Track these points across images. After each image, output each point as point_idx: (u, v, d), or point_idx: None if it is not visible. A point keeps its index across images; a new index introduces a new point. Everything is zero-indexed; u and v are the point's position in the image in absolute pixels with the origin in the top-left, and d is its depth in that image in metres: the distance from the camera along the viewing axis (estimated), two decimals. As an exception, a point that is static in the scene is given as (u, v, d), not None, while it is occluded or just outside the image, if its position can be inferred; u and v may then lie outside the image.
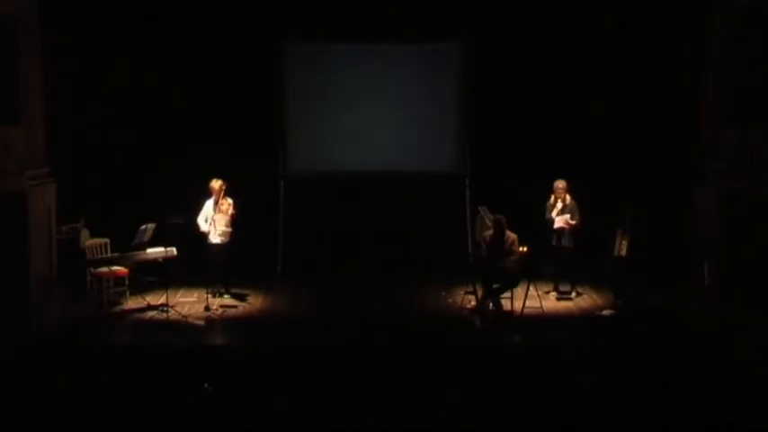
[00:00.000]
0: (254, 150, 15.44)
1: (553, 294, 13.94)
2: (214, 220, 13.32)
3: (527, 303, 13.03)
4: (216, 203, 13.40)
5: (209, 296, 13.33)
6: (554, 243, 13.72)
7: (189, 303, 13.53)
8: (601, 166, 14.84)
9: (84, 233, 14.16)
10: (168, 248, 13.17)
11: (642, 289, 13.53)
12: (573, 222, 13.57)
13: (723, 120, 13.26)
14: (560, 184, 13.62)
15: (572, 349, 11.79)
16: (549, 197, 13.72)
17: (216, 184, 13.41)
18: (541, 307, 13.20)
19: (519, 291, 13.07)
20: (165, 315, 12.98)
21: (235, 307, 13.45)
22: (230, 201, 13.47)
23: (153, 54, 15.10)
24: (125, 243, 13.36)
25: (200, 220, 13.49)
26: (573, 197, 13.64)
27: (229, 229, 13.44)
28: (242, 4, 15.19)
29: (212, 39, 15.18)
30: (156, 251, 13.21)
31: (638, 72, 14.96)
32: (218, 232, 13.34)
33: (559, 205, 13.61)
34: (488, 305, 12.93)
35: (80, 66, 14.74)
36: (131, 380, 10.61)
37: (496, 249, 12.82)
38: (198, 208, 13.54)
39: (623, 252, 13.14)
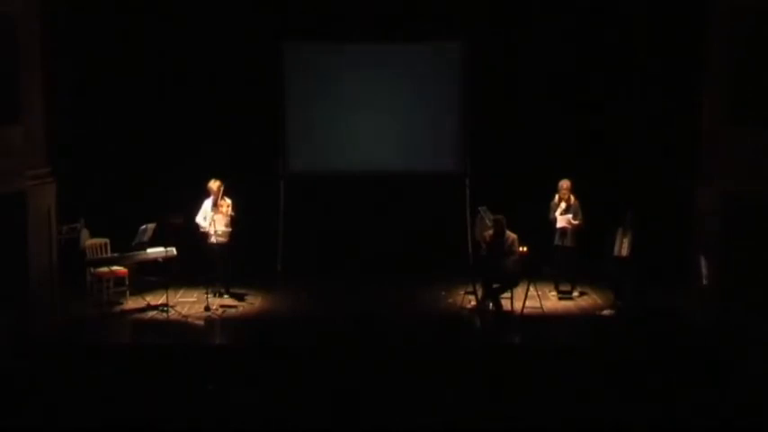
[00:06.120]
0: (254, 150, 15.44)
1: (553, 294, 13.94)
2: (214, 220, 13.33)
3: (527, 303, 13.03)
4: (215, 204, 13.41)
5: (209, 296, 13.33)
6: (556, 242, 13.72)
7: (189, 303, 13.53)
8: (601, 166, 14.82)
9: (84, 233, 14.16)
10: (168, 248, 13.18)
11: (642, 289, 13.53)
12: (576, 223, 13.57)
13: (723, 120, 13.26)
14: (565, 183, 13.61)
15: (572, 349, 11.78)
16: (553, 197, 13.72)
17: (214, 184, 13.42)
18: (541, 307, 13.19)
19: (519, 291, 13.08)
20: (164, 315, 12.98)
21: (235, 307, 13.46)
22: (229, 201, 13.48)
23: (153, 54, 15.09)
24: (125, 243, 13.36)
25: (200, 218, 13.50)
26: (576, 197, 13.64)
27: (229, 230, 13.46)
28: (243, 4, 15.18)
29: (213, 39, 15.16)
30: (156, 251, 13.22)
31: (637, 72, 14.94)
32: (217, 232, 13.34)
33: (563, 205, 13.60)
34: (488, 305, 12.94)
35: (80, 66, 14.74)
36: (131, 380, 10.61)
37: (496, 249, 12.82)
38: (197, 208, 13.54)
39: (624, 252, 13.14)
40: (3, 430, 9.71)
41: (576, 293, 13.94)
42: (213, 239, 13.39)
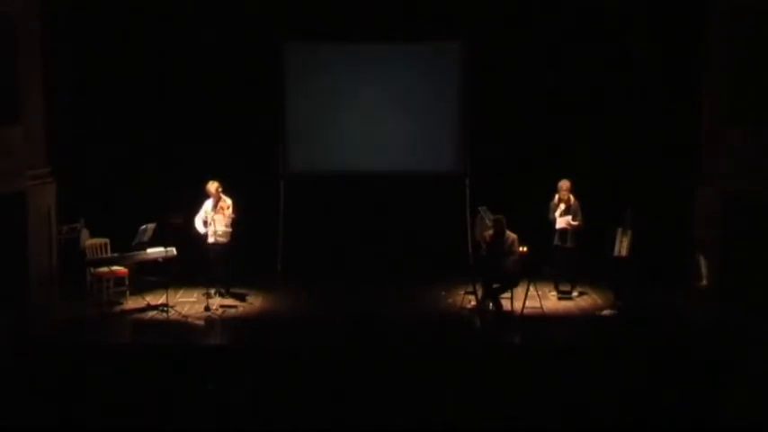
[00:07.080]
0: (254, 150, 15.44)
1: (553, 294, 13.93)
2: (214, 220, 13.32)
3: (527, 303, 13.03)
4: (215, 205, 13.39)
5: (209, 296, 13.31)
6: (556, 243, 13.71)
7: (189, 303, 13.53)
8: (601, 166, 14.83)
9: (84, 233, 14.16)
10: (168, 248, 13.18)
11: (642, 289, 13.53)
12: (575, 224, 13.56)
13: (723, 120, 13.27)
14: (565, 184, 13.59)
15: (572, 349, 11.78)
16: (553, 197, 13.71)
17: (212, 186, 13.40)
18: (541, 307, 13.19)
19: (519, 291, 13.08)
20: (164, 315, 12.98)
21: (235, 307, 13.45)
22: (229, 202, 13.47)
23: (153, 54, 15.09)
24: (125, 243, 13.36)
25: (199, 222, 13.48)
26: (576, 197, 13.63)
27: (229, 230, 13.44)
28: (243, 4, 15.18)
29: (213, 39, 15.15)
30: (156, 251, 13.21)
31: (638, 71, 14.95)
32: (218, 233, 13.34)
33: (562, 206, 13.59)
34: (488, 305, 12.94)
35: (80, 65, 14.74)
36: (131, 380, 10.61)
37: (496, 249, 12.82)
38: (197, 209, 13.53)
39: (623, 252, 13.13)
40: (3, 430, 9.71)
41: (575, 293, 13.93)
42: (213, 239, 13.38)
